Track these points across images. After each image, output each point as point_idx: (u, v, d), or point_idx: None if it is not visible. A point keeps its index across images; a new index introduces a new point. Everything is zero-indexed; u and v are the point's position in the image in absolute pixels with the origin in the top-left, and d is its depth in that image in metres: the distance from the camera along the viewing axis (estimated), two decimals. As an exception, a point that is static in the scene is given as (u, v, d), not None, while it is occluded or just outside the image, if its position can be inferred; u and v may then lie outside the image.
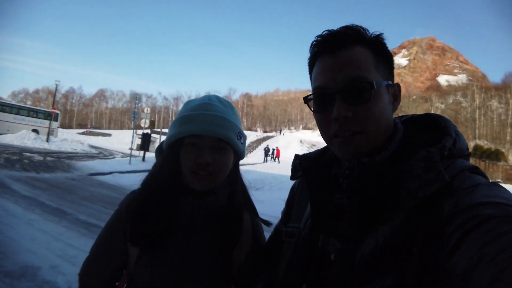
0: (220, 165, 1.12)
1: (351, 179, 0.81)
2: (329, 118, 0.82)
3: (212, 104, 1.15)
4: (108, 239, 1.18)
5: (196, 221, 1.13)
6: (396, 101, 0.89)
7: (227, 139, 1.11)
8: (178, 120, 1.13)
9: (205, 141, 1.09)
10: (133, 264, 1.11)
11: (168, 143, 1.15)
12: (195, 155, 1.08)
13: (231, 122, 1.15)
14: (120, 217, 1.16)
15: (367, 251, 0.72)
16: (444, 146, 0.76)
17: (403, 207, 0.70)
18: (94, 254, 1.19)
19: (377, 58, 0.83)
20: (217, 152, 1.11)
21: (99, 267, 1.17)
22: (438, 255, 0.61)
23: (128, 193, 1.23)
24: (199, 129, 1.08)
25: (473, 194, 0.63)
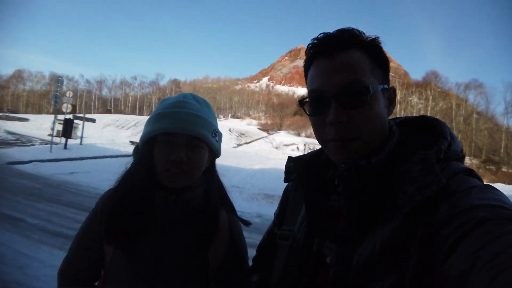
0: (195, 163, 1.12)
1: (348, 181, 0.81)
2: (325, 122, 0.83)
3: (187, 102, 1.15)
4: (84, 238, 1.19)
5: (172, 218, 1.14)
6: (391, 105, 0.90)
7: (202, 136, 1.12)
8: (152, 118, 1.14)
9: (179, 139, 1.10)
10: (109, 263, 1.13)
11: (143, 141, 1.16)
12: (169, 153, 1.08)
13: (206, 120, 1.15)
14: (95, 216, 1.17)
15: (364, 254, 0.72)
16: (440, 149, 0.77)
17: (400, 210, 0.70)
18: (72, 253, 1.20)
19: (373, 61, 0.84)
20: (192, 150, 1.11)
21: (77, 267, 1.18)
22: (435, 257, 0.61)
23: (104, 192, 1.24)
24: (173, 126, 1.08)
25: (468, 196, 0.64)
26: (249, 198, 11.32)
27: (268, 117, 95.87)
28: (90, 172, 12.62)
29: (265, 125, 74.80)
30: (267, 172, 15.95)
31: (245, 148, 39.52)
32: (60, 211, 7.03)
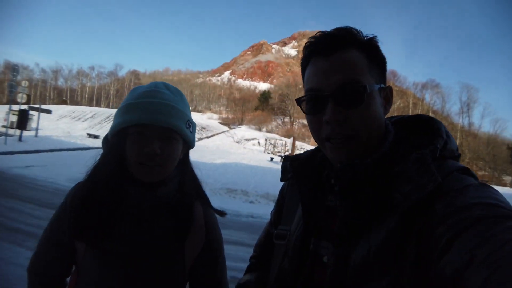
0: (169, 156, 1.08)
1: (344, 180, 0.81)
2: (321, 121, 0.83)
3: (158, 91, 1.10)
4: (54, 234, 1.14)
5: (144, 212, 1.10)
6: (388, 104, 0.90)
7: (176, 128, 1.07)
8: (122, 109, 1.08)
9: (151, 131, 1.05)
10: (81, 259, 1.09)
11: (113, 132, 1.10)
12: (142, 145, 1.03)
13: (179, 110, 1.10)
14: (65, 210, 1.12)
15: (361, 254, 0.73)
16: (436, 147, 0.77)
17: (396, 209, 0.71)
18: (42, 249, 1.16)
19: (370, 61, 0.84)
20: (165, 142, 1.07)
21: (47, 263, 1.15)
22: (431, 256, 0.61)
23: (74, 185, 1.19)
24: (145, 118, 1.03)
25: (464, 195, 0.64)
26: (211, 192, 11.29)
27: (229, 111, 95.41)
28: (46, 165, 12.05)
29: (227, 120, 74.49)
30: (229, 166, 15.75)
31: (206, 142, 39.13)
32: (18, 206, 6.73)
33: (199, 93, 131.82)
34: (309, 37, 0.88)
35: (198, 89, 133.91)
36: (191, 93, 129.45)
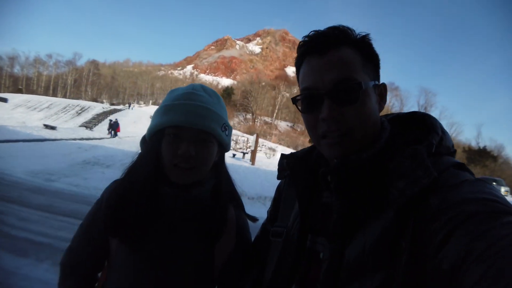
0: (203, 158, 1.08)
1: (340, 176, 0.82)
2: (317, 119, 0.84)
3: (196, 93, 1.11)
4: (89, 229, 1.16)
5: (179, 214, 1.11)
6: (382, 101, 0.91)
7: (211, 130, 1.07)
8: (161, 110, 1.10)
9: (187, 133, 1.05)
10: (113, 255, 1.11)
11: (150, 133, 1.12)
12: (177, 147, 1.05)
13: (215, 113, 1.10)
14: (100, 207, 1.14)
15: (356, 249, 0.73)
16: (430, 143, 0.77)
17: (391, 205, 0.71)
18: (76, 244, 1.18)
19: (364, 58, 0.85)
20: (200, 144, 1.07)
21: (81, 257, 1.16)
22: (427, 251, 0.62)
23: (111, 182, 1.22)
24: (181, 120, 1.04)
25: (459, 190, 0.64)
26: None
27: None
28: (3, 157, 11.17)
29: (188, 114, 73.12)
30: None
31: (166, 136, 38.14)
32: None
33: (161, 86, 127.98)
34: (303, 36, 0.89)
35: (159, 82, 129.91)
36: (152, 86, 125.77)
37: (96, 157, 14.15)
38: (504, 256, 0.47)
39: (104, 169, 12.43)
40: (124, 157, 14.67)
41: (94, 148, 16.81)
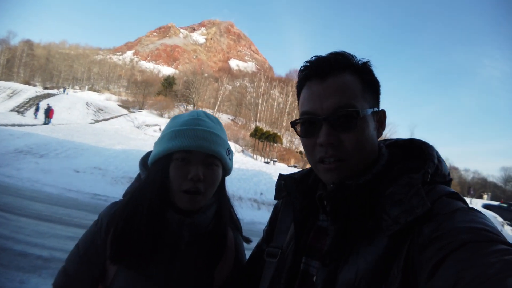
0: (211, 181, 1.12)
1: (335, 200, 0.83)
2: (316, 144, 0.85)
3: (201, 119, 1.16)
4: (86, 251, 1.14)
5: (182, 238, 1.13)
6: (381, 127, 0.92)
7: (218, 154, 1.13)
8: (167, 135, 1.13)
9: (195, 157, 1.09)
10: (111, 278, 1.09)
11: (156, 158, 1.14)
12: (186, 171, 1.08)
13: (221, 138, 1.16)
14: (100, 229, 1.14)
15: (349, 274, 0.74)
16: (426, 172, 0.79)
17: (385, 232, 0.72)
18: (72, 266, 1.15)
19: (364, 85, 0.86)
20: (208, 168, 1.11)
21: (75, 280, 1.14)
22: (418, 278, 0.62)
23: (109, 204, 1.22)
24: (190, 144, 1.08)
25: (451, 219, 0.65)
26: (113, 181, 11.08)
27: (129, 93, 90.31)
28: None
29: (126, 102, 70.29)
30: (130, 153, 15.45)
31: (103, 125, 36.62)
32: None
33: (98, 71, 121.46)
34: (304, 61, 0.92)
35: (96, 67, 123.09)
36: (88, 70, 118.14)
37: (29, 146, 13.85)
38: (492, 284, 0.48)
39: (38, 159, 12.28)
40: (59, 146, 14.69)
41: (26, 135, 16.34)
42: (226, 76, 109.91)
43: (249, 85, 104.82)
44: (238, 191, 12.20)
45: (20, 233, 5.54)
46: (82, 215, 7.56)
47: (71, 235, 5.87)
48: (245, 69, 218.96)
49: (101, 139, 20.31)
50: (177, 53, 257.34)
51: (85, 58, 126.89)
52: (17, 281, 3.92)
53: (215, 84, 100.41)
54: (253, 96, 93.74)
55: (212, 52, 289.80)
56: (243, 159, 27.56)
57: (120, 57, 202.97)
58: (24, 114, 31.15)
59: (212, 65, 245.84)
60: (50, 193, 9.20)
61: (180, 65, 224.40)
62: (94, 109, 45.64)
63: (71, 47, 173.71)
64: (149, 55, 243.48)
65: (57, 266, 3.89)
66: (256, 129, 48.09)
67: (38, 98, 40.36)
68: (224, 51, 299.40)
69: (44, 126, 23.54)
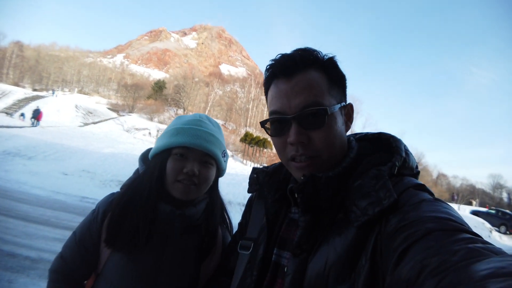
0: (205, 178, 1.20)
1: (305, 192, 0.84)
2: (286, 142, 0.86)
3: (202, 121, 1.25)
4: (83, 238, 1.21)
5: (174, 230, 1.19)
6: (349, 121, 0.94)
7: (214, 154, 1.20)
8: (170, 132, 1.21)
9: (193, 154, 1.17)
10: (103, 263, 1.16)
11: (156, 152, 1.23)
12: (182, 165, 1.16)
13: (218, 140, 1.24)
14: (96, 218, 1.21)
15: (318, 264, 0.76)
16: (394, 165, 0.81)
17: (353, 223, 0.74)
18: (68, 252, 1.22)
19: (330, 81, 0.87)
20: (203, 166, 1.19)
21: (71, 266, 1.21)
22: (386, 267, 0.64)
23: (107, 195, 1.29)
24: (189, 142, 1.16)
25: (417, 209, 0.67)
26: (101, 184, 11.06)
27: (119, 97, 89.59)
28: None
29: (116, 106, 69.61)
30: (119, 156, 15.46)
31: (92, 128, 36.10)
32: None
33: (88, 74, 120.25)
34: (270, 59, 0.92)
35: (86, 70, 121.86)
36: (78, 73, 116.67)
37: (17, 148, 13.77)
38: (455, 270, 0.49)
39: (26, 161, 12.20)
40: (48, 149, 14.62)
41: (15, 137, 16.24)
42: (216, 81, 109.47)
43: (240, 90, 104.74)
44: (228, 196, 12.24)
45: (8, 234, 5.56)
46: (70, 217, 7.57)
47: (59, 237, 5.90)
48: (236, 74, 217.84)
49: (90, 142, 20.32)
50: (168, 57, 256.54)
51: (75, 60, 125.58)
52: (5, 281, 3.96)
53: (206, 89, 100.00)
54: (243, 101, 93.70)
55: (203, 57, 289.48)
56: (233, 164, 27.72)
57: (110, 60, 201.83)
58: (12, 116, 30.87)
59: (203, 69, 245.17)
60: (38, 195, 9.18)
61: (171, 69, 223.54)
62: (83, 112, 45.31)
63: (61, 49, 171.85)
64: (140, 58, 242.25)
65: (45, 267, 4.04)
66: (246, 134, 47.97)
67: (27, 100, 40.04)
68: (215, 56, 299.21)
69: (32, 128, 23.41)
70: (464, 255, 0.52)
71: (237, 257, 1.07)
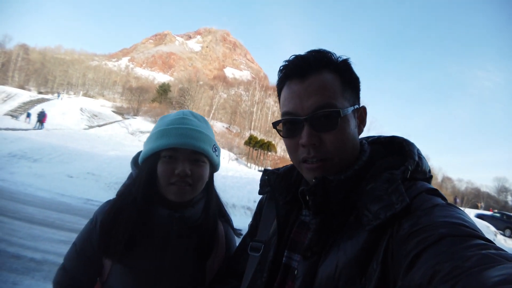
0: (198, 176, 1.16)
1: (317, 195, 0.83)
2: (298, 144, 0.86)
3: (186, 118, 1.21)
4: (83, 248, 1.18)
5: (171, 232, 1.17)
6: (362, 124, 0.93)
7: (204, 151, 1.17)
8: (155, 135, 1.17)
9: (182, 154, 1.14)
10: (107, 273, 1.15)
11: (145, 156, 1.19)
12: (173, 167, 1.13)
13: (206, 135, 1.19)
14: (95, 227, 1.18)
15: (329, 267, 0.75)
16: (407, 168, 0.80)
17: (364, 227, 0.73)
18: (70, 264, 1.20)
19: (343, 83, 0.86)
20: (195, 164, 1.16)
21: (74, 277, 1.18)
22: (397, 272, 0.63)
23: (103, 202, 1.26)
24: (176, 142, 1.13)
25: (430, 214, 0.66)
26: (106, 187, 11.08)
27: (124, 100, 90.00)
28: None
29: (121, 109, 69.83)
30: (124, 159, 15.11)
31: (97, 131, 36.52)
32: None
33: (93, 77, 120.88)
34: (284, 60, 0.91)
35: (92, 73, 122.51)
36: (83, 76, 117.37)
37: (22, 150, 13.82)
38: (468, 276, 0.49)
39: (31, 163, 12.26)
40: (53, 151, 14.64)
41: (20, 140, 16.34)
42: (221, 84, 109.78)
43: (244, 93, 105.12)
44: (232, 199, 12.19)
45: (13, 236, 5.56)
46: (75, 219, 7.56)
47: (64, 239, 5.90)
48: (240, 78, 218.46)
49: (95, 145, 20.37)
50: (173, 61, 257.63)
51: (80, 63, 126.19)
52: (10, 282, 3.96)
53: (210, 92, 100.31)
54: (248, 104, 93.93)
55: (207, 60, 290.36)
56: (237, 167, 27.59)
57: (115, 64, 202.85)
58: (18, 119, 31.15)
59: (207, 73, 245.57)
60: (43, 198, 9.19)
61: (176, 72, 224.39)
62: (88, 115, 45.44)
63: (67, 52, 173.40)
64: (145, 62, 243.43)
65: (49, 269, 3.98)
66: (250, 137, 48.03)
67: (33, 103, 40.30)
68: (219, 59, 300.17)
69: (38, 131, 23.59)
70: (477, 261, 0.51)
71: (247, 259, 1.06)
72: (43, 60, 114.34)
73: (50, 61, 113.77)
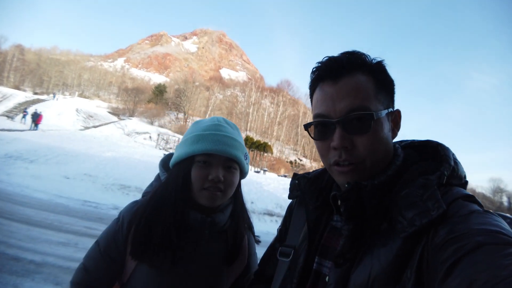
0: (230, 183, 1.18)
1: (350, 201, 0.81)
2: (329, 146, 0.84)
3: (221, 125, 1.23)
4: (108, 249, 1.18)
5: (203, 236, 1.19)
6: (396, 127, 0.91)
7: (236, 158, 1.19)
8: (190, 139, 1.19)
9: (216, 160, 1.16)
10: (128, 274, 1.14)
11: (178, 160, 1.20)
12: (207, 172, 1.14)
13: (239, 143, 1.22)
14: (121, 228, 1.18)
15: (362, 275, 0.73)
16: (442, 174, 0.78)
17: (399, 233, 0.71)
18: (92, 263, 1.19)
19: (377, 85, 0.84)
20: (227, 171, 1.18)
21: (95, 277, 1.18)
22: (433, 280, 0.62)
23: (129, 203, 1.26)
24: (212, 148, 1.14)
25: (467, 221, 0.65)
26: (103, 188, 11.04)
27: (120, 101, 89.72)
28: None
29: (116, 109, 69.52)
30: (120, 160, 15.22)
31: (93, 132, 36.14)
32: None
33: (88, 78, 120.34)
34: (316, 62, 0.90)
35: (87, 73, 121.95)
36: (79, 76, 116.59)
37: (18, 151, 13.77)
38: (505, 286, 0.48)
39: (28, 165, 12.22)
40: (49, 152, 14.64)
41: (16, 140, 16.26)
42: (217, 85, 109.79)
43: (240, 94, 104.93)
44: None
45: (12, 238, 5.55)
46: (73, 221, 7.55)
47: (63, 241, 5.90)
48: (236, 79, 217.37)
49: (91, 146, 20.22)
50: (169, 61, 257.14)
51: (76, 64, 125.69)
52: (11, 285, 3.96)
53: (206, 93, 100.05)
54: (244, 105, 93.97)
55: (203, 61, 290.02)
56: (233, 168, 27.31)
57: (111, 64, 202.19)
58: (13, 119, 30.93)
59: (203, 74, 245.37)
60: (40, 199, 9.16)
61: (172, 73, 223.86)
62: (84, 116, 45.18)
63: (62, 53, 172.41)
64: (140, 62, 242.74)
65: (49, 271, 4.02)
66: (246, 138, 47.99)
67: (28, 104, 39.89)
68: (215, 60, 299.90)
69: (33, 132, 23.42)
70: None
71: (276, 264, 1.05)
72: (39, 60, 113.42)
73: (45, 62, 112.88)
